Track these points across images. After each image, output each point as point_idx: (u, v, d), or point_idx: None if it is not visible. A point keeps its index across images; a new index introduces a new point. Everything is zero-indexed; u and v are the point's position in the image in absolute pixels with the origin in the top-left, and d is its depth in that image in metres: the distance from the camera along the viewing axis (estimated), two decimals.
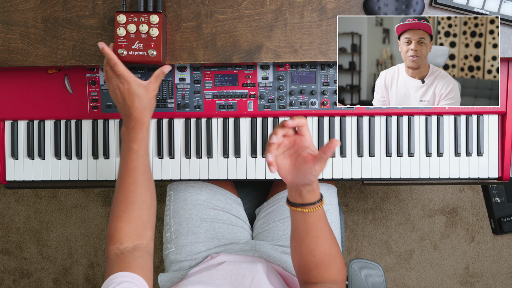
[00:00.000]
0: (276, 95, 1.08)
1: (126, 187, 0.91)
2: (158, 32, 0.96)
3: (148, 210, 0.92)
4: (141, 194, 0.91)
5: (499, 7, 0.99)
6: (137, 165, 0.92)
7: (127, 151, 0.93)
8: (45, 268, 1.97)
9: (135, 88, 0.92)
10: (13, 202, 1.96)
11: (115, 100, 0.95)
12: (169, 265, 1.13)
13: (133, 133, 0.92)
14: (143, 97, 0.92)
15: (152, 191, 0.93)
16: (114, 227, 0.89)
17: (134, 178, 0.92)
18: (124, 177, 0.92)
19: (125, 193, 0.91)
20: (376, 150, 1.10)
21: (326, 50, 1.02)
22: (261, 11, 1.02)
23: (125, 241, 0.88)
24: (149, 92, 0.94)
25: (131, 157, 0.92)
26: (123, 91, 0.92)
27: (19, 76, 1.09)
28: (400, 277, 1.92)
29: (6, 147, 1.12)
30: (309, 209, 0.84)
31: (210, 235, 1.11)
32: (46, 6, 1.02)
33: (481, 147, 1.09)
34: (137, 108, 0.92)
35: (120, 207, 0.90)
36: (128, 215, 0.90)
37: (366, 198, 1.91)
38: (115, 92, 0.94)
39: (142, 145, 0.93)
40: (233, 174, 1.10)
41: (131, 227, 0.89)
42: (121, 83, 0.92)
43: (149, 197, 0.93)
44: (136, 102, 0.92)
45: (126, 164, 0.92)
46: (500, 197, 1.83)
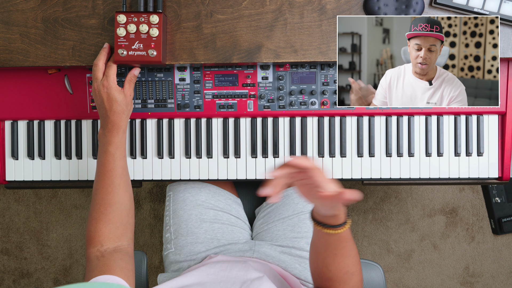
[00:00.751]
0: (276, 95, 1.08)
1: (104, 189, 0.93)
2: (158, 32, 0.96)
3: (127, 212, 0.93)
4: (119, 195, 0.93)
5: (499, 7, 0.99)
6: (114, 167, 0.94)
7: (103, 154, 0.95)
8: (45, 268, 1.97)
9: (114, 94, 0.96)
10: (13, 202, 1.96)
11: (95, 101, 0.98)
12: (169, 266, 1.13)
13: (110, 136, 0.95)
14: (121, 102, 0.96)
15: (130, 193, 0.95)
16: (94, 229, 0.90)
17: (112, 180, 0.93)
18: (101, 179, 0.94)
19: (103, 195, 0.92)
20: (376, 150, 1.10)
21: (326, 50, 1.02)
22: (261, 11, 1.02)
23: (105, 242, 0.89)
24: (126, 97, 0.98)
25: (108, 159, 0.94)
26: (103, 94, 0.96)
27: (19, 76, 1.09)
28: (400, 277, 1.92)
29: (6, 147, 1.12)
30: (331, 230, 0.78)
31: (210, 236, 1.11)
32: (46, 6, 1.02)
33: (481, 147, 1.09)
34: (115, 112, 0.96)
35: (99, 209, 0.91)
36: (107, 216, 0.91)
37: (366, 198, 1.91)
38: (95, 94, 0.97)
39: (118, 148, 0.95)
40: (233, 174, 1.10)
41: (110, 228, 0.90)
42: (102, 86, 0.96)
43: (128, 199, 0.94)
44: (114, 106, 0.96)
45: (103, 166, 0.94)
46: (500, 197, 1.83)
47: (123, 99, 0.97)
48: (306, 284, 1.06)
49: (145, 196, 1.92)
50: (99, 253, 0.87)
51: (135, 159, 1.11)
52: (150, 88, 1.09)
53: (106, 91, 0.96)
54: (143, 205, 1.92)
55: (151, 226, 1.92)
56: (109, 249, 0.88)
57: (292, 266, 1.07)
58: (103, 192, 0.93)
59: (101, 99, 0.96)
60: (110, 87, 0.96)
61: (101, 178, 0.94)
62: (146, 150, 1.11)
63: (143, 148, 1.10)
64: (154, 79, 1.09)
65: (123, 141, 0.97)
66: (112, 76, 0.96)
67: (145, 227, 1.92)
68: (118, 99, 0.96)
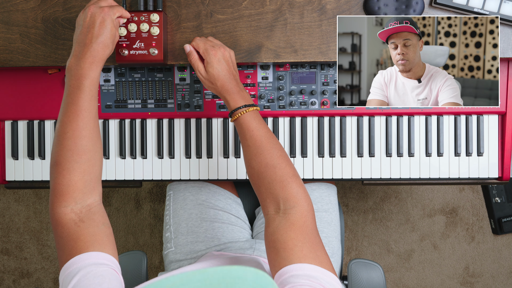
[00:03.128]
0: (276, 95, 1.08)
1: (77, 133, 0.79)
2: (159, 31, 0.96)
3: (100, 161, 0.82)
4: (94, 141, 0.81)
5: (499, 7, 0.99)
6: (89, 106, 0.80)
7: (76, 90, 0.80)
8: (45, 268, 1.97)
9: (110, 23, 0.85)
10: (13, 202, 1.96)
11: (80, 23, 0.86)
12: (169, 265, 1.13)
13: (88, 69, 0.81)
14: (111, 35, 0.85)
15: (101, 140, 0.84)
16: (66, 182, 0.77)
17: (86, 121, 0.80)
18: (72, 120, 0.79)
19: (76, 140, 0.79)
20: (376, 150, 1.10)
21: (326, 50, 1.02)
22: (261, 11, 1.02)
23: (80, 199, 0.78)
24: (116, 36, 0.88)
25: (82, 96, 0.80)
26: (96, 18, 0.84)
27: (19, 76, 1.09)
28: (400, 277, 1.92)
29: (6, 147, 1.12)
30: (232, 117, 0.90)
31: (210, 235, 1.11)
32: (46, 6, 1.02)
33: (481, 147, 1.09)
34: (101, 42, 0.83)
35: (71, 156, 0.78)
36: (82, 166, 0.78)
37: (366, 198, 1.91)
38: (85, 15, 0.85)
39: (94, 84, 0.82)
40: (233, 174, 1.10)
41: (85, 180, 0.78)
42: (99, 9, 0.85)
43: (99, 146, 0.82)
44: (103, 35, 0.83)
45: (74, 104, 0.80)
46: (500, 197, 1.83)
47: (113, 34, 0.86)
48: None
49: (145, 196, 1.92)
50: (76, 216, 0.77)
51: (135, 159, 1.11)
52: (150, 88, 1.09)
53: (102, 16, 0.84)
54: (143, 205, 1.92)
55: (151, 226, 1.92)
56: (84, 208, 0.78)
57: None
58: (75, 136, 0.78)
59: (91, 22, 0.84)
60: (108, 15, 0.85)
61: (72, 119, 0.79)
62: (146, 150, 1.11)
63: (143, 148, 1.10)
64: (154, 79, 1.09)
65: (99, 78, 0.84)
66: (116, 10, 0.87)
67: (145, 227, 1.92)
68: (110, 30, 0.85)
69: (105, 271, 0.70)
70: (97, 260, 0.71)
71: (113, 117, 1.10)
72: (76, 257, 0.71)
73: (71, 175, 0.78)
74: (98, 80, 0.83)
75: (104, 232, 0.76)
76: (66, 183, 0.77)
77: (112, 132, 1.11)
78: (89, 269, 0.69)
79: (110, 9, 0.86)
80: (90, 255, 0.72)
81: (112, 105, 1.10)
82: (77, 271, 0.69)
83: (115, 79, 1.09)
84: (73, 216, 0.77)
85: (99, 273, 0.69)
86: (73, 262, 0.71)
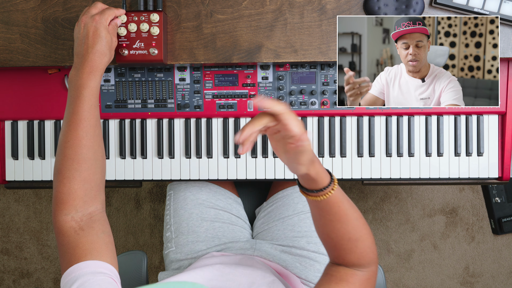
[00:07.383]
0: (276, 95, 1.08)
1: (77, 142, 0.80)
2: (159, 31, 0.96)
3: (101, 169, 0.83)
4: (94, 149, 0.82)
5: (499, 7, 0.99)
6: (88, 115, 0.82)
7: (76, 100, 0.82)
8: (45, 268, 1.97)
9: (103, 31, 0.86)
10: (13, 202, 1.96)
11: (76, 35, 0.88)
12: (169, 264, 1.13)
13: (86, 79, 0.83)
14: (106, 43, 0.86)
15: (103, 149, 0.85)
16: (67, 190, 0.78)
17: (86, 130, 0.81)
18: (73, 129, 0.81)
19: (76, 149, 0.80)
20: (376, 150, 1.10)
21: (326, 50, 1.02)
22: (261, 11, 1.02)
23: (80, 207, 0.79)
24: (112, 41, 0.89)
25: (82, 106, 0.82)
26: (89, 28, 0.85)
27: (19, 76, 1.10)
28: (400, 277, 1.92)
29: (6, 147, 1.12)
30: (315, 197, 0.74)
31: (210, 235, 1.11)
32: (46, 6, 1.02)
33: (481, 147, 1.09)
34: (97, 51, 0.85)
35: (72, 165, 0.79)
36: (82, 174, 0.79)
37: (366, 198, 1.91)
38: (79, 27, 0.87)
39: (94, 94, 0.83)
40: (233, 174, 1.10)
41: (86, 188, 0.79)
42: (91, 19, 0.86)
43: (101, 155, 0.83)
44: (98, 44, 0.85)
45: (75, 114, 0.82)
46: (500, 197, 1.84)
47: (109, 40, 0.87)
48: (306, 283, 1.06)
49: (145, 196, 1.92)
50: (76, 224, 0.77)
51: (135, 159, 1.11)
52: (150, 88, 1.09)
53: (94, 25, 0.85)
54: (143, 205, 1.92)
55: (151, 226, 1.92)
56: (85, 216, 0.78)
57: (292, 265, 1.07)
58: (76, 145, 0.80)
59: (85, 33, 0.85)
60: (100, 23, 0.85)
61: (72, 128, 0.81)
62: (146, 150, 1.11)
63: (143, 148, 1.10)
64: (154, 79, 1.09)
65: (99, 88, 0.85)
66: (107, 15, 0.87)
67: (145, 227, 1.92)
68: (105, 37, 0.86)
69: (102, 280, 0.70)
70: (95, 268, 0.72)
71: (113, 117, 1.10)
72: (74, 266, 0.72)
73: (72, 183, 0.79)
74: (98, 89, 0.85)
75: (103, 240, 0.77)
76: (66, 191, 0.79)
77: (112, 132, 1.11)
78: (86, 278, 0.70)
79: (101, 16, 0.87)
80: (88, 264, 0.72)
81: (112, 105, 1.10)
82: (74, 280, 0.70)
83: (115, 79, 1.09)
84: (74, 224, 0.77)
85: (96, 282, 0.69)
86: (72, 270, 0.72)
